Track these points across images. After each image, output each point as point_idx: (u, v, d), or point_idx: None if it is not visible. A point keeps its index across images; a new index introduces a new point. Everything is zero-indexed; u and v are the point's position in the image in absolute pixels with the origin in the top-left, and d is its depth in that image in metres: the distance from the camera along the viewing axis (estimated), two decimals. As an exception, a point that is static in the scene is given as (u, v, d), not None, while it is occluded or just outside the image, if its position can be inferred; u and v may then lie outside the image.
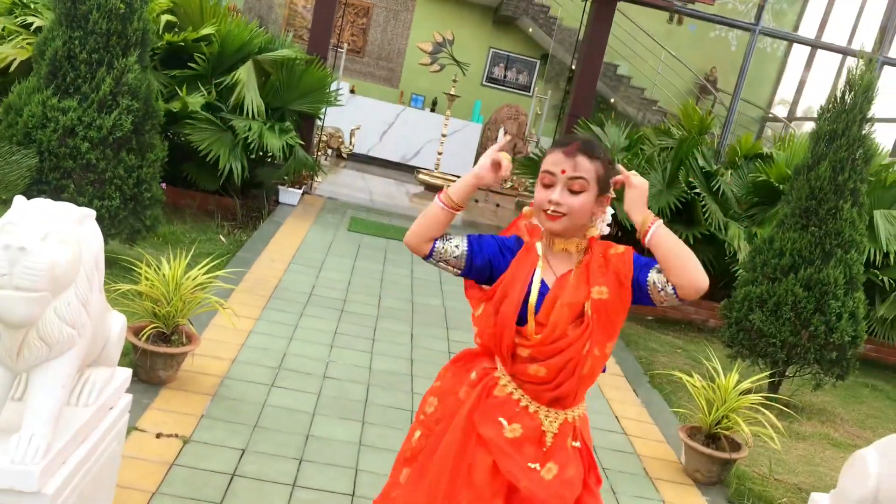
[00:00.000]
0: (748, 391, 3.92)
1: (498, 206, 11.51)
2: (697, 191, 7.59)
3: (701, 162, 7.98)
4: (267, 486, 3.06)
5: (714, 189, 7.95)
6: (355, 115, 13.34)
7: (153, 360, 3.57)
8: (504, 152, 1.96)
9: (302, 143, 7.91)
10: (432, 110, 14.90)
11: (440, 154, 12.19)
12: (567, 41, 14.61)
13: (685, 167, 7.73)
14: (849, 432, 5.55)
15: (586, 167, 1.91)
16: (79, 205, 2.01)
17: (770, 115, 15.40)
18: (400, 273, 6.58)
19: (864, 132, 5.37)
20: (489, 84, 15.84)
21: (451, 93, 12.07)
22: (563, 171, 1.90)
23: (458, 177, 2.17)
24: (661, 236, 1.89)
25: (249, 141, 7.09)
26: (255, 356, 4.24)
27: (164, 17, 7.18)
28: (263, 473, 3.14)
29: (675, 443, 4.22)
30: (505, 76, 15.97)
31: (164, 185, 5.60)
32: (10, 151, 2.77)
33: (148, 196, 5.08)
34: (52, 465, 1.87)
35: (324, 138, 9.94)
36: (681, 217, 7.70)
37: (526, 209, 2.04)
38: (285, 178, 8.09)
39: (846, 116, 5.38)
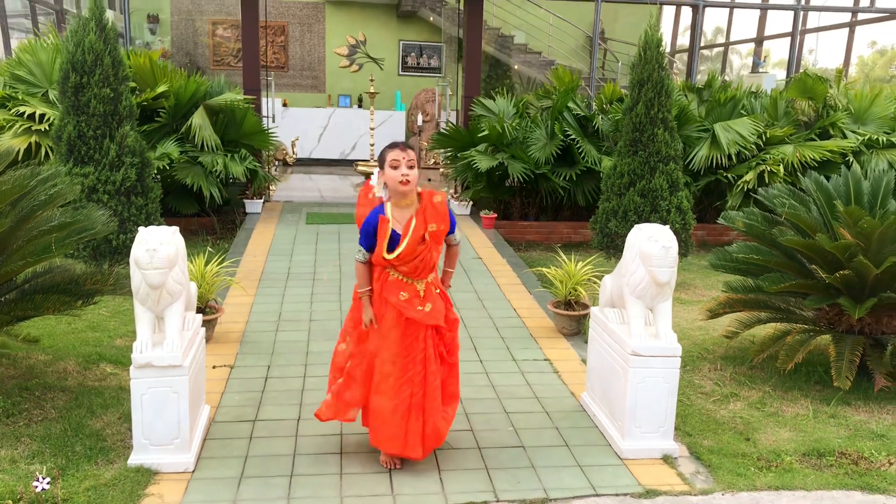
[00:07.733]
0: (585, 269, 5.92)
1: (430, 179, 13.41)
2: (573, 137, 9.57)
3: (577, 111, 9.95)
4: (288, 381, 4.96)
5: (592, 132, 9.96)
6: (292, 125, 15.15)
7: (197, 326, 5.43)
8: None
9: (259, 164, 9.73)
10: (359, 106, 16.71)
11: (373, 145, 14.01)
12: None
13: (559, 121, 9.70)
14: (697, 294, 7.60)
15: (412, 154, 3.75)
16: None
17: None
18: (352, 247, 8.46)
19: (662, 75, 7.36)
20: (406, 73, 17.70)
21: (371, 91, 13.87)
22: (404, 158, 3.70)
23: None
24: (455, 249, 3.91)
25: (217, 172, 8.90)
26: (261, 316, 6.14)
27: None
28: (285, 377, 5.05)
29: (553, 316, 6.21)
30: (419, 63, 17.84)
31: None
32: (93, 209, 4.59)
33: (156, 224, 6.91)
34: (183, 353, 3.75)
35: (270, 153, 11.74)
36: (564, 160, 9.68)
37: (373, 183, 3.88)
38: (247, 192, 9.92)
39: (648, 67, 7.37)
